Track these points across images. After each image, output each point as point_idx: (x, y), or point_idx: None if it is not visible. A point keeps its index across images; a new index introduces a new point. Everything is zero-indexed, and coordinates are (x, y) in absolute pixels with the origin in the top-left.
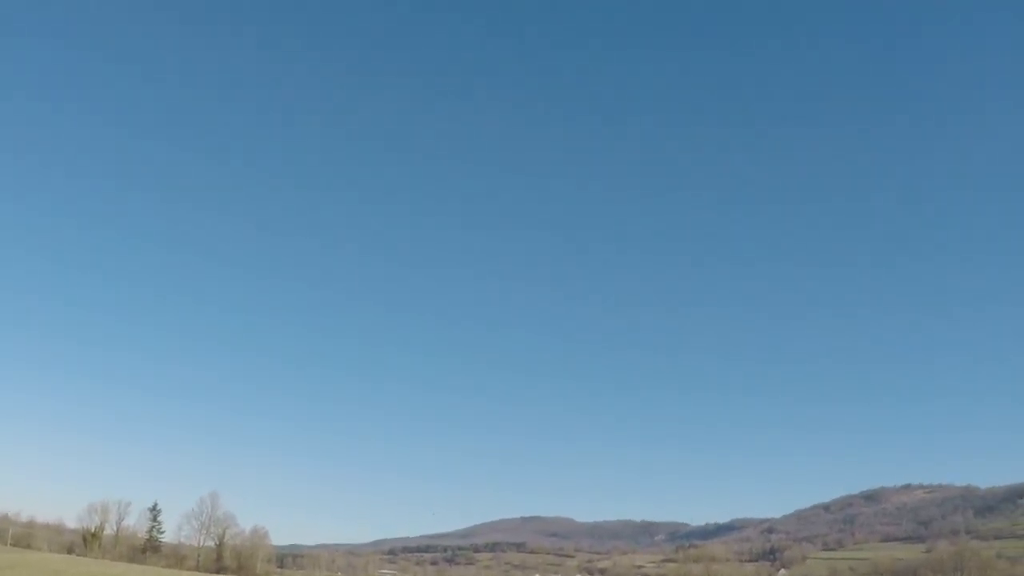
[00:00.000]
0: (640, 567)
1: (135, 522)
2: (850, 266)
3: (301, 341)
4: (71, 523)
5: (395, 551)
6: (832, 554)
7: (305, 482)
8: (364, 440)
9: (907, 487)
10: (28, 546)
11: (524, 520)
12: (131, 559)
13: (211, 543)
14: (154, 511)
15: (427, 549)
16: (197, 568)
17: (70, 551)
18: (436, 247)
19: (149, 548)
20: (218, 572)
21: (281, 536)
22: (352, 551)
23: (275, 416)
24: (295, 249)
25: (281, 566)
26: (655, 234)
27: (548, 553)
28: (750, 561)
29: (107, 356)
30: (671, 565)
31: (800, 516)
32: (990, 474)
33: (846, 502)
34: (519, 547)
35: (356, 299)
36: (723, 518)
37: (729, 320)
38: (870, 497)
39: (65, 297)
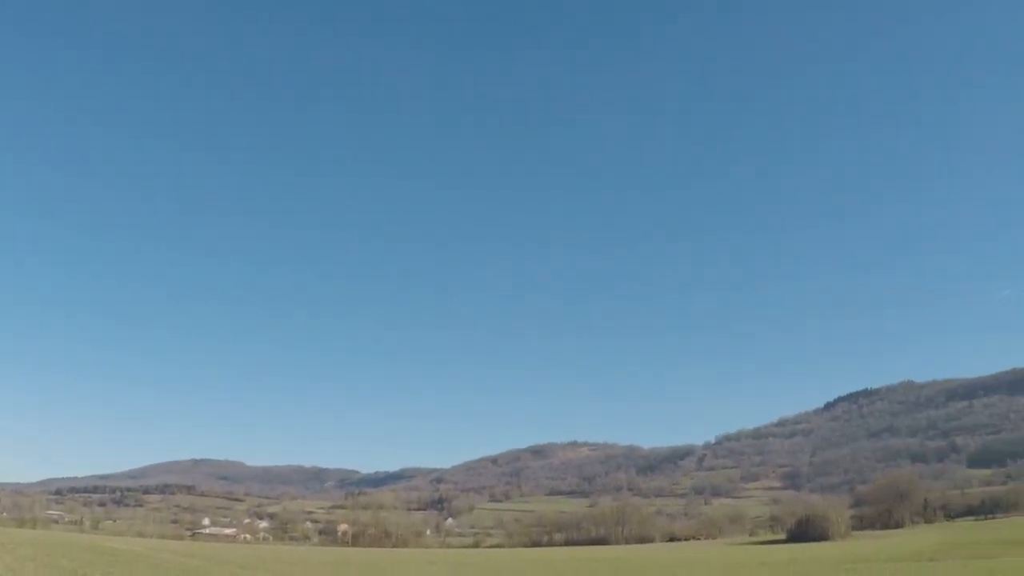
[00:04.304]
0: (310, 513)
1: None
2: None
3: None
4: None
5: (62, 491)
6: (499, 505)
7: None
8: (30, 375)
9: (573, 444)
10: None
11: (195, 462)
12: None
13: None
14: None
15: (96, 490)
16: None
17: None
18: None
19: None
20: None
21: None
22: (18, 490)
23: None
24: None
25: None
26: None
27: (218, 496)
28: (419, 509)
29: None
30: (340, 512)
31: (468, 467)
32: (652, 436)
33: (513, 456)
34: (189, 490)
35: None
36: (393, 467)
37: (411, 284)
38: (537, 452)
39: None
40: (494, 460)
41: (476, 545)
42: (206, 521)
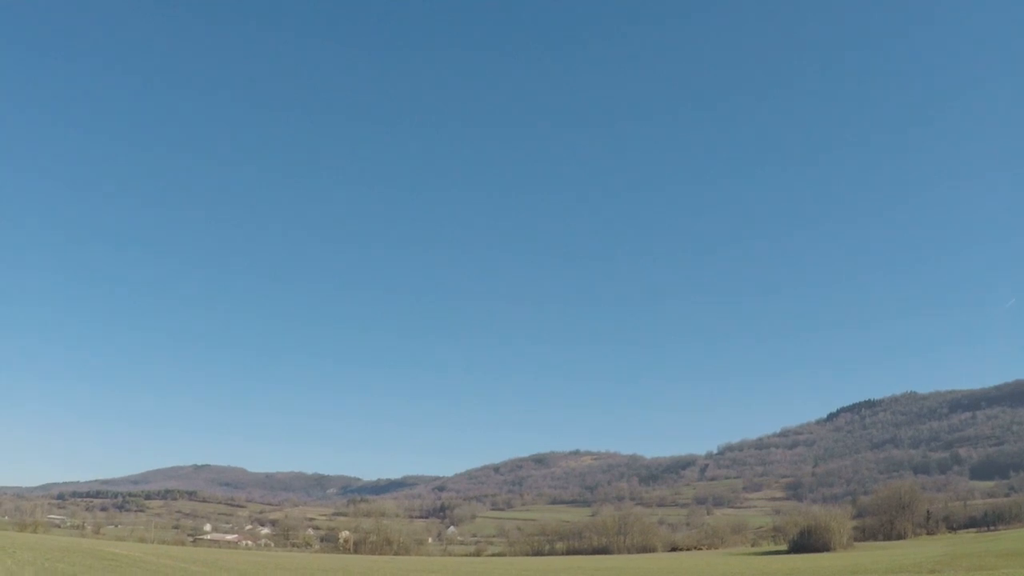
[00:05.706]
0: (311, 520)
1: None
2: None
3: None
4: None
5: (64, 496)
6: (501, 514)
7: None
8: (32, 379)
9: (575, 453)
10: None
11: (197, 468)
12: None
13: None
14: None
15: (97, 495)
16: None
17: None
18: None
19: None
20: None
21: None
22: (20, 495)
23: None
24: None
25: None
26: None
27: (220, 503)
28: (421, 517)
29: None
30: (342, 519)
31: (471, 475)
32: (654, 445)
33: (516, 464)
34: (191, 495)
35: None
36: (395, 474)
37: (414, 292)
38: (539, 460)
39: None
40: (496, 468)
41: (478, 553)
42: (208, 527)
